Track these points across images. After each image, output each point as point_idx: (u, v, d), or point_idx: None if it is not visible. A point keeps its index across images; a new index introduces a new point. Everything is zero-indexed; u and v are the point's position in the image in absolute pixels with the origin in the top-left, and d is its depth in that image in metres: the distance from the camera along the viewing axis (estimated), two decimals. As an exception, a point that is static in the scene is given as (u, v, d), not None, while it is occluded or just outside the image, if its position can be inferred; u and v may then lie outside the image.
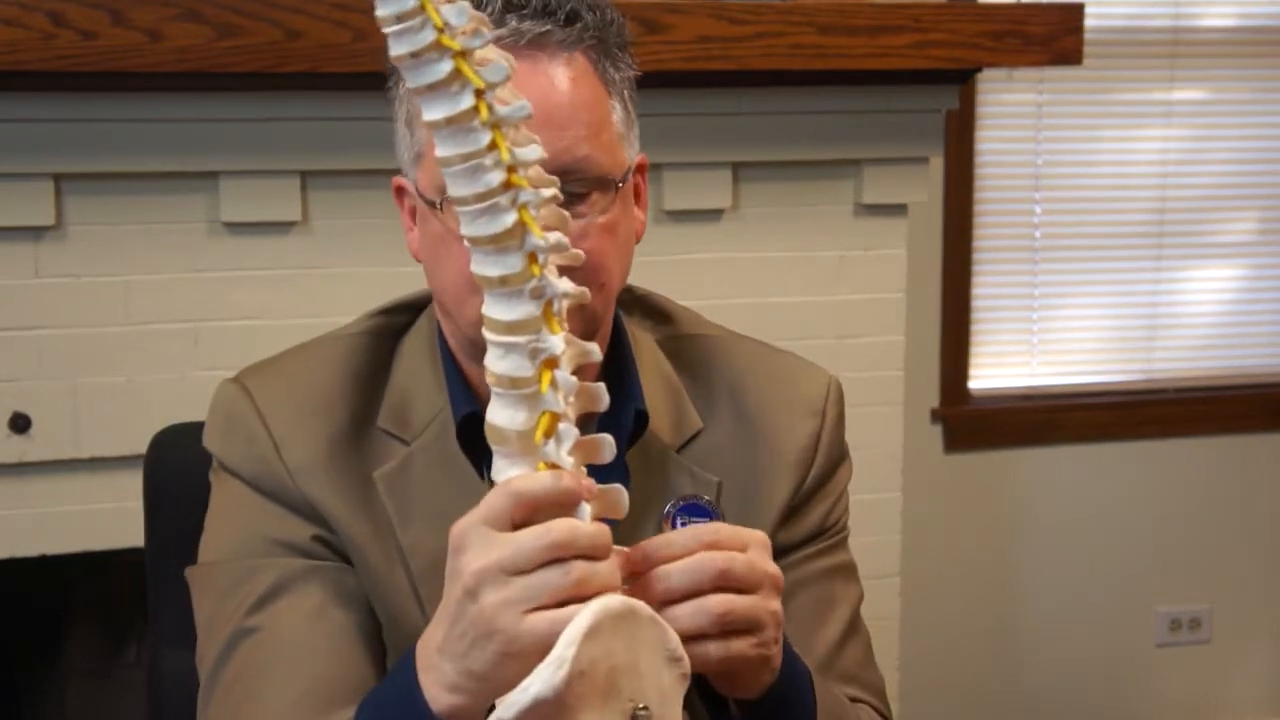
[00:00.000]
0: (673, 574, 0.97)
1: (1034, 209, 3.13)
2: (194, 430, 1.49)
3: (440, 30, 0.86)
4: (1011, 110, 3.09)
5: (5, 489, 2.14)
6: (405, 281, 1.37)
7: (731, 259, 2.41)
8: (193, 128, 2.13)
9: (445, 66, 0.87)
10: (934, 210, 2.98)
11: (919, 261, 2.79)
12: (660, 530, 1.17)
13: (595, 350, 0.95)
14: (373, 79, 2.11)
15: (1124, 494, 3.20)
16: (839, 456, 1.28)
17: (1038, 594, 3.18)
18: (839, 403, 1.28)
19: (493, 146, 0.89)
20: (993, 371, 3.15)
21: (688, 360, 1.27)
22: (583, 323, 1.07)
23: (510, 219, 0.89)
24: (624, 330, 1.24)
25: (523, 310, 0.91)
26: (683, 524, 1.16)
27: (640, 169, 1.19)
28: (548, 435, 0.92)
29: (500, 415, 0.93)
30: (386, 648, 1.16)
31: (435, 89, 0.88)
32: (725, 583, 0.97)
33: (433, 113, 0.88)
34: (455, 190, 0.90)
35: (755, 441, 1.23)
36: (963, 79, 2.43)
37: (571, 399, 0.93)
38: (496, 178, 0.89)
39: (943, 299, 3.04)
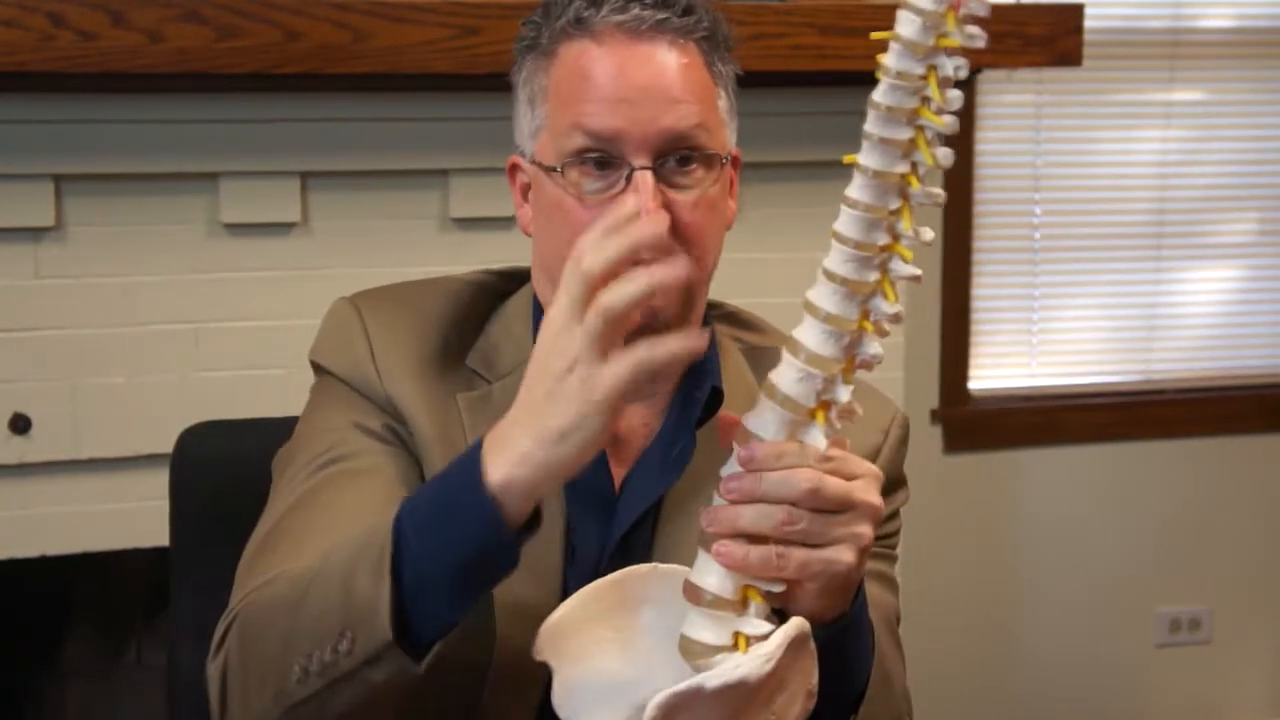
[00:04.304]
0: (764, 481, 0.97)
1: (1033, 209, 3.13)
2: (221, 427, 1.53)
3: (923, 104, 0.99)
4: (1011, 111, 3.09)
5: (5, 489, 2.14)
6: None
7: (731, 259, 2.37)
8: (193, 128, 2.14)
9: (905, 134, 1.00)
10: (934, 210, 2.98)
11: (919, 262, 2.78)
12: None
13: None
14: (372, 80, 2.14)
15: (1124, 494, 3.20)
16: (897, 479, 1.30)
17: (1037, 594, 3.18)
18: (903, 429, 1.33)
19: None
20: (992, 372, 3.15)
21: (764, 368, 1.31)
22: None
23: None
24: (707, 317, 1.32)
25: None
26: None
27: (735, 162, 1.28)
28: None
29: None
30: None
31: (886, 143, 1.01)
32: (814, 501, 0.97)
33: (869, 159, 1.01)
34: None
35: None
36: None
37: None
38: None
39: (942, 299, 3.04)
